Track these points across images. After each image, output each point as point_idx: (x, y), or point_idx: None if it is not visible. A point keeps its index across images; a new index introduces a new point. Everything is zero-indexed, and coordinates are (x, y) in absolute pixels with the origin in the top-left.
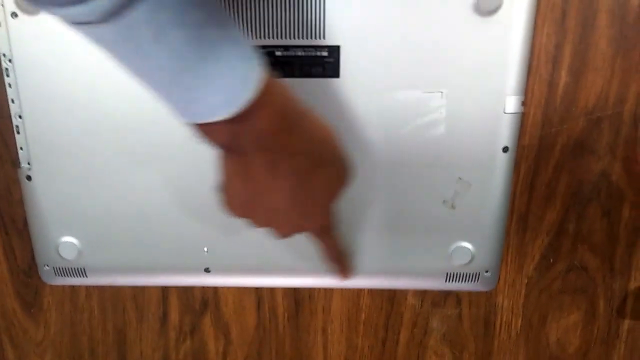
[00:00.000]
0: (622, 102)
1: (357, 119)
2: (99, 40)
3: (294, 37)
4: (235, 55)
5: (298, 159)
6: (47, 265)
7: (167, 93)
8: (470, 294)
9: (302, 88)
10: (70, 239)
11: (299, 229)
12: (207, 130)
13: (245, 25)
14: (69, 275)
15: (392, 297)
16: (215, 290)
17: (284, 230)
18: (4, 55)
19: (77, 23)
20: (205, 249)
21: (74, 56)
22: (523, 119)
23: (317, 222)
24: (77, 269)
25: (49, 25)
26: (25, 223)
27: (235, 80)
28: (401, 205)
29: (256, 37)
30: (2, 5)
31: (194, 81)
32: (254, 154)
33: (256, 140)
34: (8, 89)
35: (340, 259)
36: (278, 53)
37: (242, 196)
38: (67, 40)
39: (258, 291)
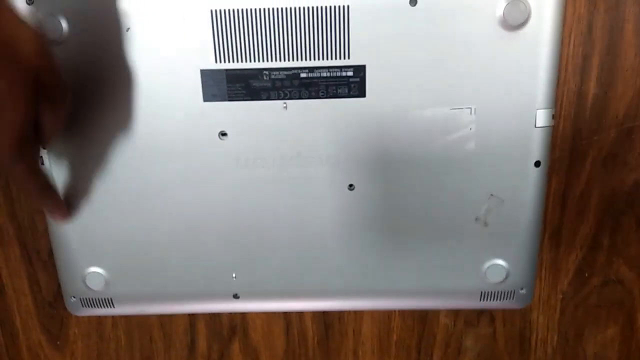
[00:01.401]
0: None
1: (385, 138)
2: None
3: (319, 59)
4: None
5: None
6: (74, 297)
7: None
8: (504, 311)
9: (328, 109)
10: (97, 269)
11: None
12: None
13: (269, 48)
14: (96, 306)
15: (423, 317)
16: (244, 315)
17: None
18: None
19: None
20: (234, 275)
21: (97, 80)
22: (553, 132)
23: None
24: (105, 299)
25: (70, 53)
26: (50, 254)
27: None
28: (432, 224)
29: (280, 60)
30: None
31: None
32: None
33: None
34: None
35: (44, 199)
36: (303, 75)
37: None
38: (88, 65)
39: (286, 315)
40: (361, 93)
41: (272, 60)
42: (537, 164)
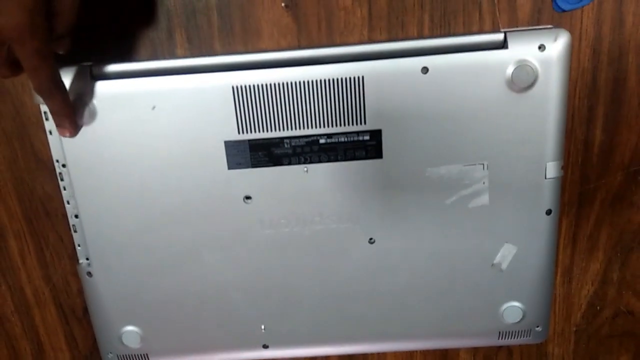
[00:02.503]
0: None
1: (402, 195)
2: None
3: (337, 125)
4: None
5: None
6: (111, 353)
7: None
8: (521, 345)
9: (347, 171)
10: (133, 328)
11: None
12: None
13: (288, 118)
14: None
15: (444, 354)
16: None
17: None
18: (57, 161)
19: None
20: (263, 327)
21: (126, 155)
22: (562, 178)
23: (9, 15)
24: (141, 355)
25: (100, 132)
26: (85, 311)
27: None
28: (450, 272)
29: (300, 128)
30: None
31: None
32: None
33: None
34: (63, 191)
35: (50, 95)
36: (322, 141)
37: None
38: (117, 142)
39: (313, 358)
40: (378, 155)
41: (292, 129)
42: (549, 212)
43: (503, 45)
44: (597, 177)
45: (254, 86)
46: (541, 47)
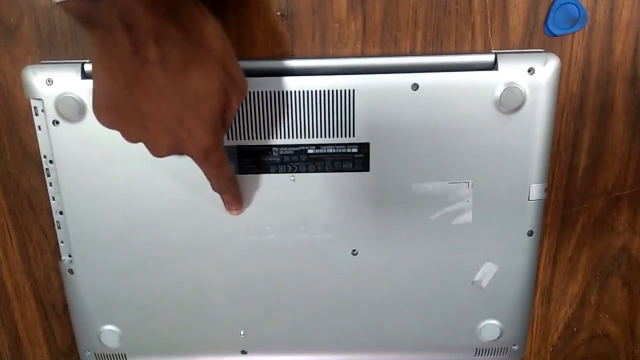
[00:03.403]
0: (639, 182)
1: (387, 208)
2: None
3: (326, 136)
4: None
5: (170, 48)
6: (89, 351)
7: None
8: None
9: (334, 182)
10: (112, 327)
11: (175, 147)
12: (66, 6)
13: (278, 127)
14: None
15: None
16: None
17: (158, 145)
18: (45, 156)
19: None
20: (242, 333)
21: (114, 156)
22: (546, 200)
23: (197, 141)
24: (118, 354)
25: (89, 131)
26: (65, 308)
27: None
28: (431, 287)
29: (289, 137)
30: (44, 111)
31: None
32: (117, 31)
33: (119, 16)
34: (49, 187)
35: (228, 191)
36: (310, 151)
37: (110, 93)
38: (107, 144)
39: None
40: (365, 168)
41: (281, 138)
42: (530, 233)
43: (493, 66)
44: (580, 200)
45: None
46: (530, 71)
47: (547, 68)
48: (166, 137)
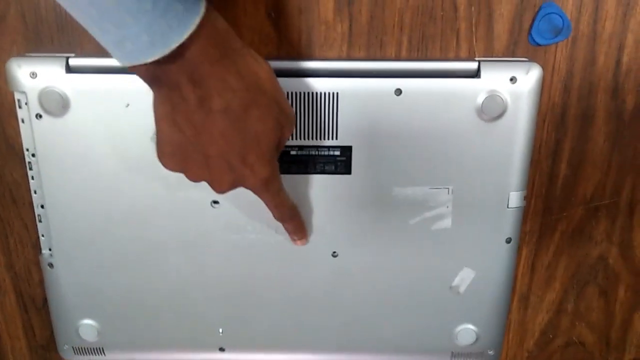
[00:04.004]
0: (618, 193)
1: (368, 212)
2: None
3: (309, 138)
4: None
5: (232, 97)
6: (67, 345)
7: (101, 32)
8: None
9: (316, 183)
10: (90, 321)
11: (237, 182)
12: (137, 69)
13: None
14: (87, 353)
15: None
16: None
17: (222, 183)
18: (27, 150)
19: None
20: (220, 331)
21: (96, 150)
22: (525, 207)
23: (257, 174)
24: (96, 348)
25: (72, 126)
26: (44, 302)
27: (169, 19)
28: (409, 290)
29: None
30: (27, 104)
31: (124, 17)
32: (184, 87)
33: (187, 74)
34: (31, 180)
35: (290, 219)
36: (293, 152)
37: (174, 141)
38: (89, 139)
39: None
40: (347, 171)
41: None
42: (509, 240)
43: (476, 74)
44: (559, 209)
45: None
46: (513, 79)
47: (529, 77)
48: (229, 175)
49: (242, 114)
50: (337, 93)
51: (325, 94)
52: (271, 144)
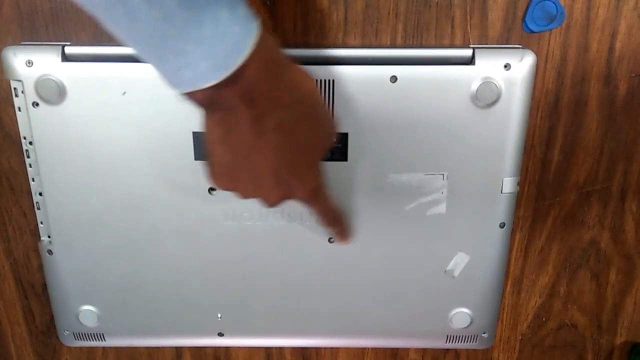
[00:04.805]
0: (610, 179)
1: (364, 198)
2: (90, 5)
3: None
4: (229, 16)
5: (284, 113)
6: (67, 331)
7: (159, 61)
8: (468, 350)
9: None
10: (90, 307)
11: (288, 195)
12: (193, 95)
13: None
14: (88, 339)
15: (394, 353)
16: (227, 348)
17: (273, 197)
18: (25, 138)
19: None
20: (219, 316)
21: (93, 138)
22: (519, 193)
23: (306, 185)
24: (96, 334)
25: (68, 113)
26: (44, 288)
27: (228, 43)
28: (405, 274)
29: None
30: (24, 92)
31: (184, 46)
32: (239, 109)
33: (242, 95)
34: (28, 168)
35: (337, 222)
36: None
37: (226, 162)
38: (86, 125)
39: (267, 348)
40: (343, 157)
41: None
42: (502, 225)
43: (471, 61)
44: (552, 194)
45: None
46: (507, 66)
47: (523, 64)
48: (280, 190)
49: (294, 129)
50: (333, 80)
51: (321, 81)
52: (320, 155)
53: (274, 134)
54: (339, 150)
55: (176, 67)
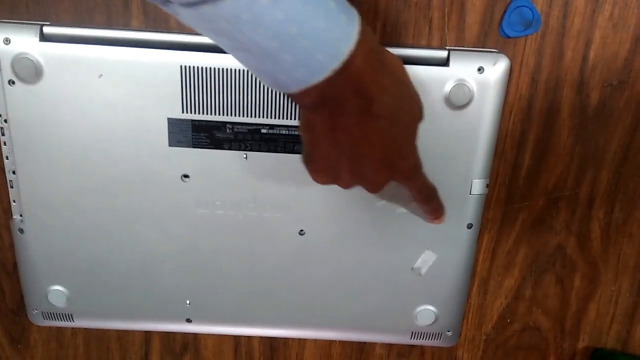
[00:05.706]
0: (579, 185)
1: (335, 193)
2: (208, 21)
3: (280, 117)
4: (336, 5)
5: (388, 97)
6: (36, 310)
7: (273, 63)
8: (433, 347)
9: (285, 162)
10: (60, 287)
11: (391, 176)
12: (307, 94)
13: (233, 104)
14: (56, 319)
15: (361, 347)
16: (196, 334)
17: (379, 180)
18: (0, 115)
19: (190, 4)
20: (188, 302)
21: (68, 119)
22: (488, 195)
23: (409, 162)
24: (65, 314)
25: (44, 93)
26: (15, 266)
27: (338, 32)
28: (373, 270)
29: (244, 116)
30: (0, 71)
31: (302, 42)
32: (347, 100)
33: (352, 85)
34: (3, 146)
35: (432, 199)
36: (264, 130)
37: (331, 157)
38: (61, 105)
39: (236, 337)
40: None
41: (236, 115)
42: (470, 226)
43: (446, 62)
44: (521, 198)
45: (202, 68)
46: (480, 70)
47: (496, 68)
48: (385, 172)
49: (397, 111)
50: None
51: None
52: (417, 131)
53: (381, 120)
54: None
55: (291, 66)
